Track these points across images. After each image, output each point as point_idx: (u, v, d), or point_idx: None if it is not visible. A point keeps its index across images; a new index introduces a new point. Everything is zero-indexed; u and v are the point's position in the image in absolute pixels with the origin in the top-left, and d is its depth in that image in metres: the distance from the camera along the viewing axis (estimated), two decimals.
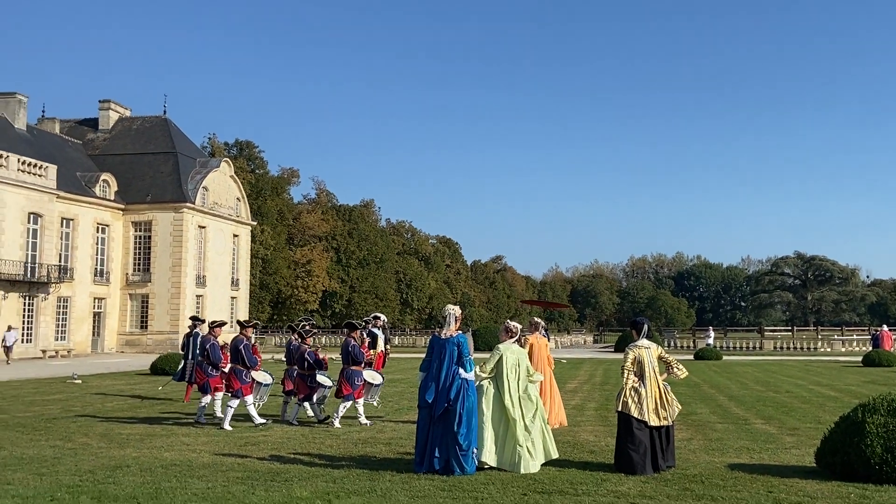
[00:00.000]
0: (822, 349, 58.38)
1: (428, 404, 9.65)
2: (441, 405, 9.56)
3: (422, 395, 9.81)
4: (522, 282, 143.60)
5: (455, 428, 9.45)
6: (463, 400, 9.58)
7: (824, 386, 24.52)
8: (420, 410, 9.83)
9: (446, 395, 9.58)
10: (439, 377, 9.68)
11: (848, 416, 9.52)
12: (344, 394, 14.03)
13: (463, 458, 9.43)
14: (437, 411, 9.58)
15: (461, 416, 9.51)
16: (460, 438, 9.44)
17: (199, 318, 21.19)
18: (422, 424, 9.73)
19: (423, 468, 9.55)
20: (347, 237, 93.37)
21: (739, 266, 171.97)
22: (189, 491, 8.49)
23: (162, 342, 53.18)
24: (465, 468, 9.42)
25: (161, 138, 59.55)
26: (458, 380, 9.64)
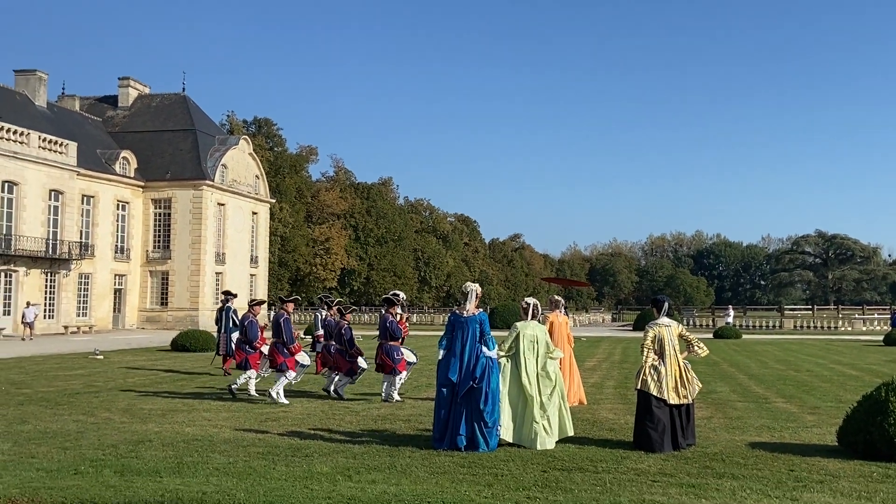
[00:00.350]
0: (843, 328, 58.02)
1: (451, 382, 9.65)
2: (466, 384, 9.58)
3: (443, 372, 9.79)
4: (540, 260, 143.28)
5: (481, 406, 9.49)
6: (488, 378, 9.63)
7: (845, 365, 24.36)
8: (440, 388, 9.80)
9: (471, 373, 9.60)
10: (462, 356, 9.68)
11: (871, 395, 9.45)
12: (386, 370, 14.14)
13: (488, 434, 9.51)
14: (461, 390, 9.59)
15: (487, 395, 9.55)
16: (486, 416, 9.49)
17: (231, 292, 21.46)
18: (442, 402, 9.72)
19: (443, 445, 9.56)
20: (366, 215, 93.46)
21: (759, 245, 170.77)
22: (211, 465, 8.56)
23: (182, 319, 53.61)
24: (489, 443, 9.50)
25: (180, 116, 59.69)
26: (482, 358, 9.67)
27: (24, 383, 17.55)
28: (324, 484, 7.67)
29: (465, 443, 9.46)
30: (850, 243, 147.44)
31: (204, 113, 63.22)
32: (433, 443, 9.73)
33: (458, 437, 9.47)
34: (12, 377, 18.91)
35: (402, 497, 7.11)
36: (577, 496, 7.27)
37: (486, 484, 7.74)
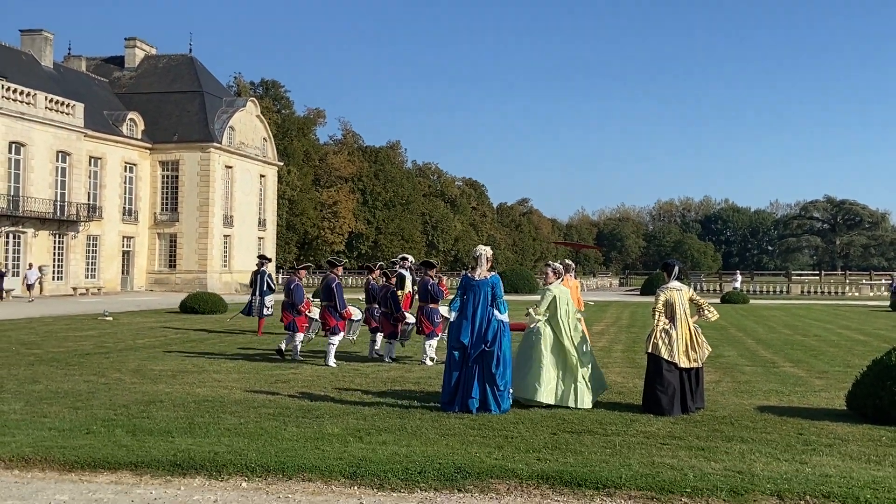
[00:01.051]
0: (850, 294, 57.93)
1: (462, 345, 9.64)
2: (478, 347, 9.58)
3: (454, 335, 9.80)
4: (548, 225, 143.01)
5: (493, 369, 9.49)
6: (500, 341, 9.63)
7: (853, 330, 24.35)
8: (452, 351, 9.80)
9: (483, 336, 9.60)
10: (474, 319, 9.67)
11: (881, 360, 9.43)
12: (426, 332, 14.38)
13: (500, 397, 9.53)
14: (473, 352, 9.58)
15: (499, 357, 9.55)
16: (498, 379, 9.50)
17: (266, 256, 21.71)
18: (453, 365, 9.71)
19: (453, 408, 9.58)
20: (374, 179, 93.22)
21: (767, 210, 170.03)
22: (222, 426, 8.61)
23: (190, 281, 53.80)
24: (501, 406, 9.53)
25: (187, 77, 59.34)
26: (494, 322, 9.66)
27: (34, 344, 17.67)
28: (335, 445, 7.71)
29: (478, 405, 9.49)
30: (859, 209, 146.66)
31: (211, 74, 62.85)
32: (442, 406, 9.74)
33: (471, 399, 9.48)
34: (22, 338, 19.04)
35: (412, 458, 7.14)
36: (587, 458, 7.30)
37: (496, 446, 7.77)
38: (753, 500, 6.21)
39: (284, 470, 6.88)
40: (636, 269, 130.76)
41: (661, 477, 6.66)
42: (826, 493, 6.27)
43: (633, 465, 7.06)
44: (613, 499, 6.33)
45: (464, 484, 6.61)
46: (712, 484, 6.47)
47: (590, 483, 6.55)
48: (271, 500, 6.35)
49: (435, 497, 6.42)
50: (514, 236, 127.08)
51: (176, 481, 6.79)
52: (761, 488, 6.39)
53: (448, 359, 9.87)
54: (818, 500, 6.20)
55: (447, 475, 6.72)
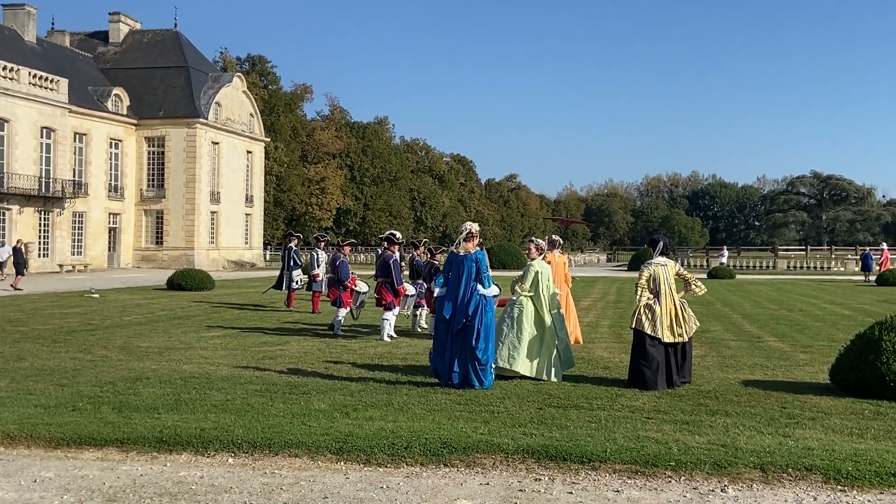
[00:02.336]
0: (836, 269, 58.30)
1: (446, 319, 9.71)
2: (459, 321, 9.60)
3: (439, 309, 9.91)
4: (536, 200, 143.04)
5: (473, 343, 9.49)
6: (481, 316, 9.61)
7: (838, 305, 24.53)
8: (438, 324, 9.94)
9: (464, 311, 9.61)
10: (457, 293, 9.70)
11: (864, 334, 9.51)
12: None
13: (482, 372, 9.53)
14: (455, 326, 9.63)
15: (479, 332, 9.55)
16: (479, 353, 9.50)
17: (293, 233, 21.96)
18: (438, 340, 9.84)
19: (442, 381, 9.67)
20: (361, 154, 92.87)
21: (755, 185, 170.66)
22: (208, 402, 8.61)
23: (178, 258, 53.61)
24: (483, 382, 9.52)
25: (172, 52, 58.77)
26: (476, 296, 9.66)
27: (20, 321, 17.59)
28: (321, 421, 7.72)
29: (459, 380, 9.54)
30: (845, 184, 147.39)
31: (197, 50, 62.28)
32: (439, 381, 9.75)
33: (453, 373, 9.57)
34: (8, 315, 18.95)
35: (399, 433, 7.17)
36: (573, 433, 7.34)
37: (482, 421, 7.81)
38: (737, 473, 6.27)
39: (271, 446, 6.89)
40: (624, 244, 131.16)
41: (645, 451, 6.71)
42: (808, 466, 6.33)
43: (618, 439, 7.11)
44: (598, 472, 6.38)
45: (450, 459, 6.64)
46: (696, 457, 6.53)
47: (575, 457, 6.59)
48: (257, 475, 6.37)
49: (421, 472, 6.45)
50: (503, 212, 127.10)
51: (162, 457, 6.79)
52: (745, 461, 6.45)
53: (436, 332, 10.00)
54: (800, 473, 6.26)
55: (433, 450, 6.75)
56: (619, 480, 6.24)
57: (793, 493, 5.98)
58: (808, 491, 6.01)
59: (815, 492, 5.99)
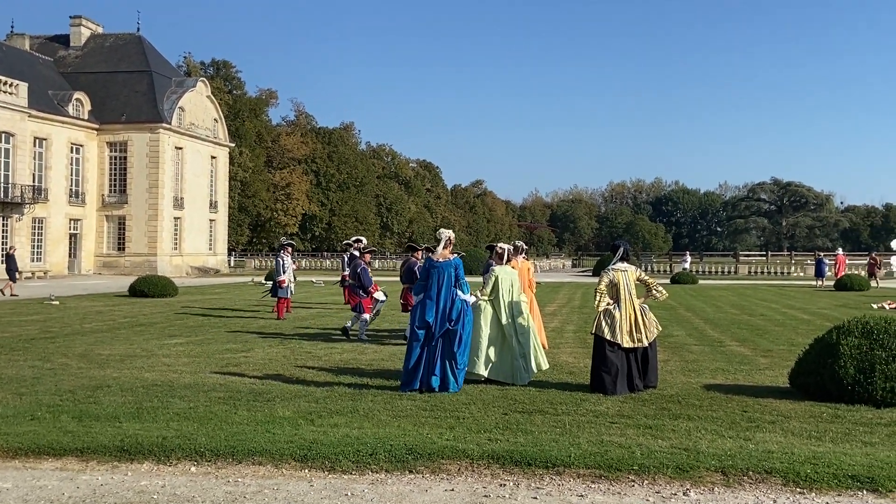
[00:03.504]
0: (796, 274, 59.24)
1: (427, 324, 9.80)
2: (443, 326, 9.79)
3: (420, 315, 9.90)
4: (502, 206, 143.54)
5: (454, 347, 9.76)
6: (463, 321, 9.89)
7: (797, 309, 24.92)
8: (417, 330, 9.89)
9: (447, 316, 9.81)
10: (438, 298, 9.86)
11: (823, 338, 9.65)
12: None
13: (458, 375, 9.82)
14: (438, 332, 9.78)
15: (460, 337, 9.83)
16: (458, 357, 9.78)
17: (284, 242, 21.94)
18: (416, 344, 9.84)
19: (413, 387, 9.69)
20: (327, 160, 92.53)
21: (717, 192, 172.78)
22: (171, 410, 8.51)
23: (140, 264, 52.93)
24: (458, 383, 9.82)
25: (135, 56, 58.09)
26: (458, 302, 9.91)
27: None
28: (286, 428, 7.68)
29: (439, 383, 9.69)
30: (805, 191, 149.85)
31: (160, 54, 61.63)
32: (402, 387, 9.80)
33: (433, 377, 9.69)
34: None
35: (364, 440, 7.15)
36: (537, 437, 7.38)
37: (448, 426, 7.81)
38: (699, 477, 6.34)
39: (234, 454, 6.84)
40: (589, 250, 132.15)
41: (609, 455, 6.76)
42: (768, 469, 6.43)
43: (582, 443, 7.16)
44: (563, 477, 6.41)
45: (415, 465, 6.63)
46: (659, 461, 6.59)
47: (540, 462, 6.62)
48: (220, 483, 6.31)
49: (386, 478, 6.43)
50: (469, 218, 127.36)
51: (123, 467, 6.70)
52: (706, 465, 6.53)
53: (411, 338, 9.99)
54: (761, 476, 6.35)
55: (398, 456, 6.74)
56: (583, 485, 6.28)
57: (753, 495, 6.07)
58: (768, 494, 6.10)
59: (774, 494, 6.09)
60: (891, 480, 6.17)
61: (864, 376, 8.91)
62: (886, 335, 9.12)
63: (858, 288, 36.26)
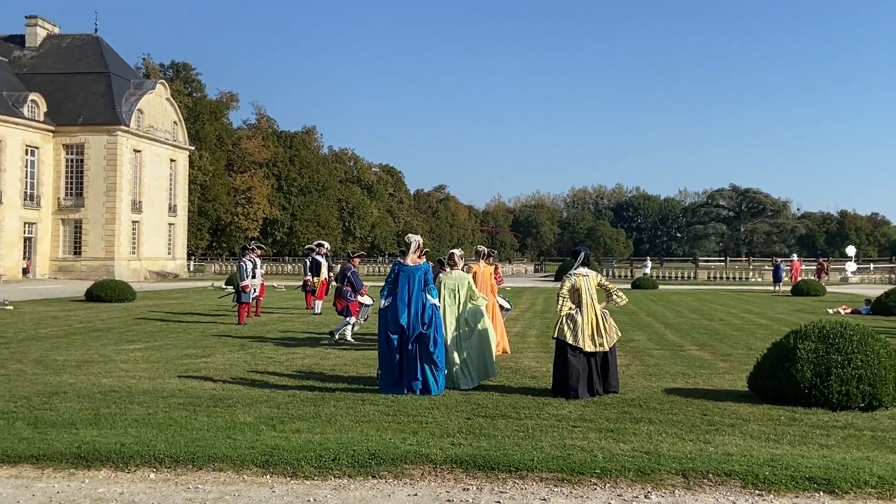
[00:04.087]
0: (754, 279, 60.14)
1: (401, 327, 9.89)
2: (416, 329, 9.91)
3: (392, 319, 9.96)
4: (465, 211, 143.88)
5: (432, 349, 9.91)
6: (436, 324, 10.05)
7: (755, 314, 25.30)
8: (390, 335, 9.95)
9: (420, 319, 9.94)
10: (410, 303, 9.98)
11: (780, 343, 9.81)
12: None
13: (438, 376, 9.98)
14: (412, 335, 9.88)
15: (435, 339, 9.98)
16: (436, 359, 9.94)
17: (248, 246, 21.64)
18: (393, 348, 9.90)
19: (400, 389, 9.81)
20: (289, 164, 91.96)
21: (677, 198, 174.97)
22: (129, 416, 8.38)
23: (97, 269, 52.07)
24: (439, 385, 9.96)
25: (92, 57, 57.22)
26: (429, 305, 10.04)
27: None
28: (247, 434, 7.60)
29: (421, 386, 9.85)
30: (762, 197, 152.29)
31: (118, 55, 60.78)
32: (387, 388, 9.84)
33: (415, 381, 9.83)
34: None
35: (326, 446, 7.10)
36: (500, 442, 7.39)
37: (411, 431, 7.79)
38: (660, 480, 6.40)
39: (194, 460, 6.75)
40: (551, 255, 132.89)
41: (571, 459, 6.79)
42: (728, 472, 6.51)
43: (545, 447, 7.18)
44: (526, 481, 6.43)
45: (378, 470, 6.60)
46: (621, 464, 6.64)
47: (503, 466, 6.63)
48: (180, 490, 6.22)
49: (349, 484, 6.40)
50: (431, 223, 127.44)
51: (80, 474, 6.58)
52: (667, 468, 6.59)
53: (385, 343, 9.99)
54: (720, 479, 6.43)
55: (361, 462, 6.71)
56: (545, 489, 6.30)
57: (713, 497, 6.14)
58: (727, 496, 6.17)
59: (734, 496, 6.16)
60: (846, 482, 6.28)
61: (821, 380, 9.07)
62: (842, 339, 9.30)
63: (815, 293, 36.94)
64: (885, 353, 9.29)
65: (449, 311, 10.62)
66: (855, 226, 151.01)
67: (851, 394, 8.96)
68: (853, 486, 6.23)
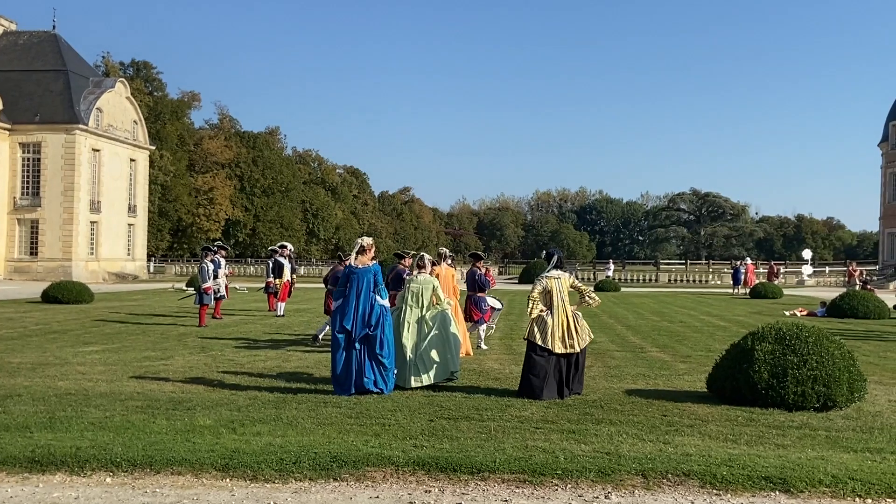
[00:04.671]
0: (713, 282, 60.95)
1: (346, 330, 9.98)
2: (362, 330, 9.99)
3: (339, 321, 10.07)
4: (430, 213, 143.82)
5: (378, 350, 9.99)
6: (383, 325, 10.10)
7: (714, 316, 25.64)
8: (337, 336, 10.06)
9: (367, 321, 10.02)
10: (357, 304, 10.04)
11: (738, 344, 9.95)
12: (474, 319, 15.12)
13: (387, 377, 10.08)
14: (357, 336, 9.96)
15: (382, 341, 10.06)
16: (384, 360, 10.04)
17: (210, 247, 21.41)
18: (339, 349, 10.01)
19: (348, 391, 9.87)
20: (252, 165, 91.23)
21: (639, 201, 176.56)
22: (86, 420, 8.24)
23: (54, 269, 51.19)
24: (388, 385, 10.08)
25: (50, 55, 56.27)
26: (377, 306, 10.10)
27: None
28: (206, 437, 7.51)
29: (372, 385, 9.96)
30: (722, 201, 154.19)
31: (77, 53, 59.84)
32: (336, 389, 9.95)
33: (366, 379, 9.94)
34: None
35: (287, 448, 7.04)
36: (463, 444, 7.40)
37: (373, 434, 7.77)
38: (620, 480, 6.46)
39: (152, 464, 6.65)
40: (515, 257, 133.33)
41: (533, 460, 6.82)
42: (686, 472, 6.59)
43: (507, 449, 7.21)
44: (488, 483, 6.44)
45: (339, 473, 6.57)
46: (582, 465, 6.69)
47: (465, 468, 6.64)
48: (137, 494, 6.13)
49: (310, 487, 6.35)
50: (396, 224, 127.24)
51: (34, 478, 6.45)
52: (627, 468, 6.65)
53: (334, 344, 10.10)
54: (679, 479, 6.50)
55: (323, 464, 6.67)
56: (507, 490, 6.32)
57: (672, 497, 6.20)
58: (685, 495, 6.24)
59: (692, 496, 6.23)
60: (802, 481, 6.39)
61: (777, 381, 9.22)
62: (798, 341, 9.47)
63: (772, 296, 37.56)
64: (840, 354, 9.49)
65: (411, 312, 10.73)
66: (811, 230, 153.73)
67: (807, 394, 9.12)
68: (808, 486, 6.34)
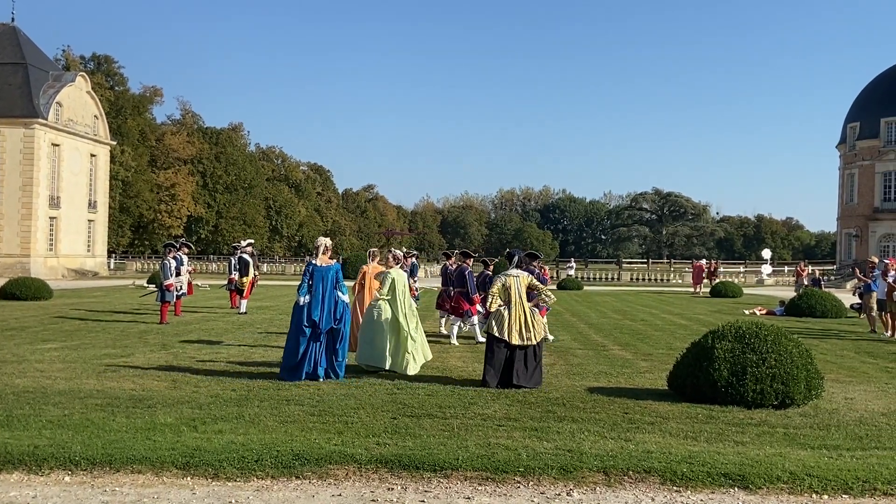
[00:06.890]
0: (674, 281, 61.67)
1: (314, 322, 10.77)
2: (329, 324, 10.87)
3: (307, 314, 10.81)
4: (393, 211, 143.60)
5: (337, 344, 10.95)
6: (345, 320, 11.07)
7: (675, 315, 25.95)
8: (303, 328, 10.78)
9: (332, 315, 10.91)
10: (324, 300, 10.89)
11: (698, 342, 10.09)
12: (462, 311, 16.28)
13: (339, 367, 11.00)
14: (324, 329, 10.80)
15: (343, 334, 11.03)
16: (340, 351, 11.00)
17: (173, 243, 21.13)
18: (302, 340, 10.74)
19: (298, 377, 10.64)
20: (214, 161, 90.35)
21: (601, 200, 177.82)
22: (44, 418, 8.11)
23: (12, 266, 50.21)
24: (339, 374, 10.97)
25: (9, 48, 55.13)
26: (340, 303, 11.00)
27: None
28: (167, 435, 7.44)
29: (324, 374, 10.80)
30: (683, 201, 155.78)
31: (36, 46, 58.71)
32: (284, 374, 10.74)
33: (320, 368, 10.76)
34: None
35: (249, 447, 7.00)
36: (426, 441, 7.41)
37: (336, 432, 7.75)
38: (582, 477, 6.52)
39: (112, 462, 6.58)
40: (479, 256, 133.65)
41: (496, 457, 6.86)
42: (647, 469, 6.67)
43: (469, 446, 7.24)
44: (450, 480, 6.47)
45: (302, 471, 6.55)
46: (544, 462, 6.74)
47: (428, 466, 6.65)
48: (97, 493, 6.05)
49: (272, 485, 6.33)
50: (360, 222, 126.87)
51: None
52: (589, 465, 6.72)
53: (296, 335, 10.82)
54: (640, 475, 6.58)
55: (285, 462, 6.64)
56: (470, 487, 6.35)
57: (633, 494, 6.28)
58: (646, 492, 6.32)
59: (653, 493, 6.31)
60: (760, 477, 6.50)
61: (737, 378, 9.37)
62: (757, 339, 9.63)
63: (732, 295, 38.11)
64: (798, 352, 9.66)
65: (401, 303, 11.62)
66: (771, 230, 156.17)
67: (766, 392, 9.28)
68: (766, 482, 6.46)
